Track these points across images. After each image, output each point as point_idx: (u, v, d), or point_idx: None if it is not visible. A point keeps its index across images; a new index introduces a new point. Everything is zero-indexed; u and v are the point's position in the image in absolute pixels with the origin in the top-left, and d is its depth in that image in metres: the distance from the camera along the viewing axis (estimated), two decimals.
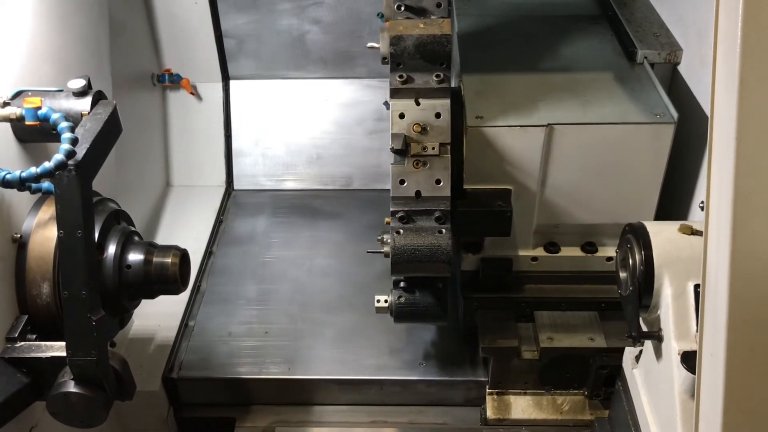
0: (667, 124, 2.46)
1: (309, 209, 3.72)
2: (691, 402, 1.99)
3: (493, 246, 2.68)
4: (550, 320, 2.73)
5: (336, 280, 3.29)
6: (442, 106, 2.36)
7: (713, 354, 1.34)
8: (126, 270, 2.18)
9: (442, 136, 2.36)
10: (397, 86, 2.35)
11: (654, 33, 2.82)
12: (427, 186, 2.34)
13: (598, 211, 2.62)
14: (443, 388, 2.86)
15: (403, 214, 2.33)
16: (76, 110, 2.04)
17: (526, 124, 2.46)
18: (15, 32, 2.17)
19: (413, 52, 2.31)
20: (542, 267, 2.73)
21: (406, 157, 2.35)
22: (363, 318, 3.06)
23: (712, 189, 1.37)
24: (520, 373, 2.76)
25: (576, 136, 2.48)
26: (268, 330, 3.05)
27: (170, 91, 3.75)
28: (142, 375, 2.78)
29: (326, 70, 3.79)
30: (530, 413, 2.79)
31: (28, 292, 2.07)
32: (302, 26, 3.67)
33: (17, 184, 1.87)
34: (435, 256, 2.29)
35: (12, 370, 1.99)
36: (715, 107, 1.34)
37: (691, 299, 2.06)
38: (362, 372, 2.87)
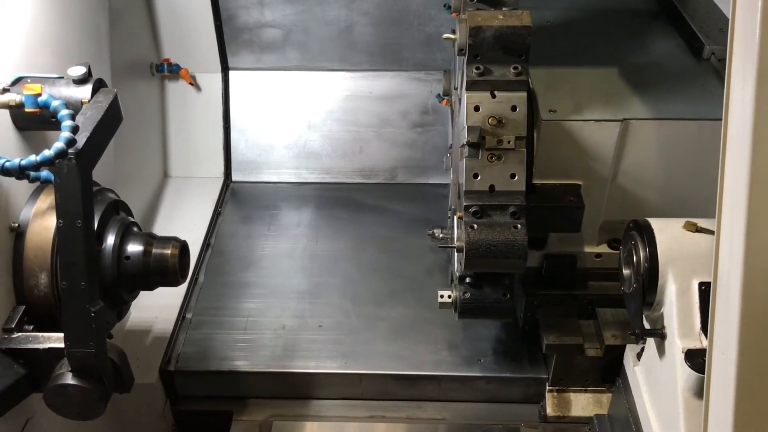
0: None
1: (352, 202, 3.69)
2: (694, 400, 1.98)
3: (558, 242, 2.67)
4: (613, 317, 2.71)
5: (385, 275, 3.27)
6: (518, 98, 2.31)
7: (724, 353, 1.33)
8: (125, 261, 2.15)
9: (518, 129, 2.30)
10: (473, 78, 2.30)
11: (720, 29, 2.80)
12: (502, 180, 2.30)
13: (666, 207, 2.59)
14: (502, 384, 2.84)
15: (477, 209, 2.29)
16: (76, 98, 2.01)
17: (601, 118, 2.45)
18: (15, 18, 2.13)
19: (492, 43, 2.25)
20: (606, 264, 2.71)
21: (481, 151, 2.30)
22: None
23: (726, 186, 1.35)
24: (582, 371, 2.74)
25: (651, 132, 2.47)
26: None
27: (169, 81, 3.72)
28: (139, 367, 2.76)
29: (372, 63, 3.75)
30: (591, 410, 2.76)
31: (25, 283, 2.04)
32: (350, 17, 3.62)
33: (16, 173, 1.84)
34: (511, 252, 2.26)
35: (9, 362, 1.96)
36: (729, 103, 1.32)
37: (695, 297, 2.05)
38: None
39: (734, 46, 1.30)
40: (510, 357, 2.86)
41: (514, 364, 2.83)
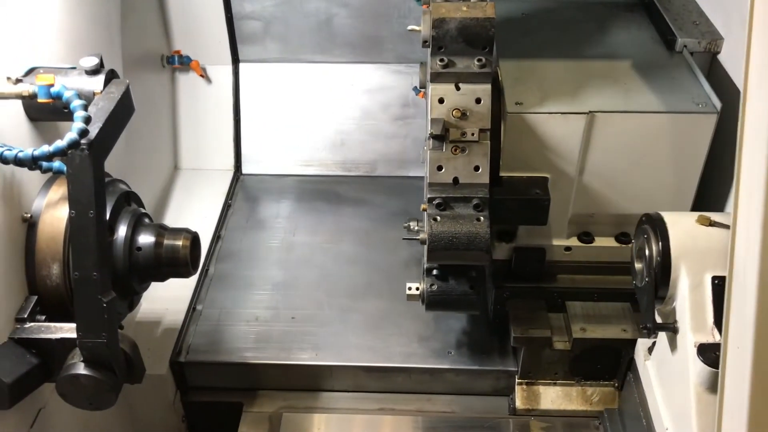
0: (709, 113, 2.43)
1: (333, 195, 3.69)
2: (706, 394, 1.97)
3: (527, 235, 2.66)
4: (582, 311, 2.72)
5: (363, 267, 3.27)
6: (483, 91, 2.32)
7: (740, 347, 1.32)
8: (136, 252, 2.15)
9: (482, 121, 2.31)
10: (437, 70, 2.30)
11: (693, 21, 2.79)
12: (466, 173, 2.31)
13: (634, 201, 2.59)
14: (472, 377, 2.84)
15: (440, 201, 2.30)
16: (88, 89, 2.00)
17: (567, 111, 2.44)
18: (28, 9, 2.13)
19: (456, 35, 2.26)
20: (575, 257, 2.71)
21: (445, 143, 2.30)
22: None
23: (742, 179, 1.34)
24: (551, 364, 2.74)
25: (618, 124, 2.45)
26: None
27: (179, 73, 3.71)
28: (150, 358, 2.76)
29: (353, 55, 3.73)
30: (559, 404, 2.77)
31: (37, 273, 2.05)
32: (330, 9, 3.61)
33: (29, 163, 1.84)
34: (473, 244, 2.26)
35: (21, 351, 1.97)
36: (747, 96, 1.31)
37: (708, 291, 2.04)
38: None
39: (752, 39, 1.29)
40: (480, 350, 2.87)
41: (484, 357, 2.84)
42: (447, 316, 2.97)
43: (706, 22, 2.79)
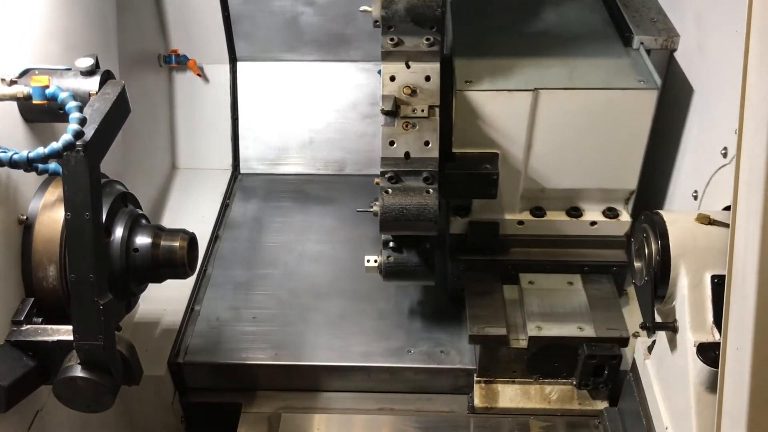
0: (650, 90, 2.51)
1: (301, 194, 3.69)
2: (706, 394, 1.96)
3: (481, 210, 2.76)
4: (539, 309, 2.73)
5: (327, 266, 3.27)
6: (432, 69, 2.43)
7: (739, 348, 1.31)
8: (133, 253, 2.15)
9: (431, 98, 2.42)
10: (388, 49, 2.42)
11: (651, 18, 2.80)
12: (416, 147, 2.40)
13: (582, 176, 2.69)
14: (431, 375, 2.84)
15: (392, 175, 2.39)
16: (84, 89, 2.00)
17: (512, 88, 2.52)
18: (23, 10, 2.12)
19: (404, 15, 2.38)
20: (528, 231, 2.81)
21: (396, 119, 2.41)
22: (354, 303, 3.07)
23: (741, 178, 1.33)
24: (509, 362, 2.75)
25: (561, 101, 2.53)
26: (256, 315, 3.03)
27: (177, 72, 3.70)
28: (148, 359, 2.74)
29: (320, 53, 3.72)
30: (518, 402, 2.77)
31: (34, 275, 2.04)
32: (295, 8, 3.59)
33: (24, 165, 1.83)
34: (422, 215, 2.35)
35: (18, 354, 1.97)
36: (746, 94, 1.30)
37: (707, 290, 2.03)
38: (350, 359, 2.86)
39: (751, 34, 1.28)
40: (440, 348, 2.87)
41: (443, 356, 2.85)
42: (408, 315, 3.00)
43: (664, 19, 2.79)
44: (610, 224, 2.78)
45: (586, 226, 2.78)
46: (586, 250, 2.82)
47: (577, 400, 2.76)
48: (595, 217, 2.77)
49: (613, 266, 2.84)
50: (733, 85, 2.25)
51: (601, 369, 2.63)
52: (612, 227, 2.79)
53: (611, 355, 2.59)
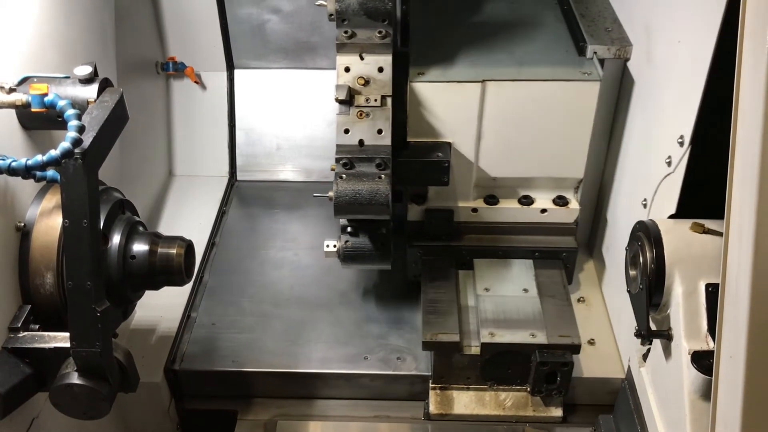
0: (593, 81, 2.63)
1: (266, 200, 3.71)
2: (701, 402, 1.97)
3: (437, 197, 2.89)
4: (493, 315, 2.75)
5: (289, 273, 3.29)
6: (384, 60, 2.55)
7: (733, 356, 1.32)
8: (130, 260, 2.15)
9: (384, 89, 2.55)
10: (342, 41, 2.54)
11: (606, 28, 2.84)
12: (370, 135, 2.53)
13: (531, 166, 2.82)
14: (387, 382, 2.85)
15: (346, 161, 2.50)
16: (82, 97, 2.01)
17: (461, 79, 2.64)
18: (21, 18, 2.13)
19: (357, 8, 2.51)
20: (482, 218, 2.95)
21: (351, 108, 2.54)
22: (312, 312, 3.09)
23: (735, 187, 1.34)
24: (463, 369, 2.76)
25: (508, 93, 2.66)
26: (215, 322, 3.04)
27: (174, 79, 3.71)
28: (144, 366, 2.74)
29: (286, 61, 3.74)
30: (473, 408, 2.78)
31: (31, 282, 2.04)
32: (261, 15, 3.61)
33: (23, 172, 1.84)
34: (374, 199, 2.47)
35: (15, 361, 1.96)
36: (739, 105, 1.31)
37: (702, 298, 2.05)
38: (307, 365, 2.87)
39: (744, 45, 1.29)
40: (396, 355, 2.89)
41: (400, 362, 2.87)
42: (365, 321, 3.03)
43: (619, 29, 2.83)
44: (560, 212, 2.90)
45: (537, 213, 2.92)
46: (537, 236, 2.96)
47: (532, 407, 2.78)
48: (545, 204, 2.90)
49: (562, 252, 2.96)
50: (676, 95, 2.29)
51: (554, 376, 2.65)
52: (562, 214, 2.91)
53: (562, 362, 2.61)
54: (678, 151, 2.22)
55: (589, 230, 3.29)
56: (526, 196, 2.91)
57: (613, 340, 2.92)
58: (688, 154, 2.17)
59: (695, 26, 2.13)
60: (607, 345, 2.90)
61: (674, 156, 2.26)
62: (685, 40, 2.22)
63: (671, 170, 2.29)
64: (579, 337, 2.65)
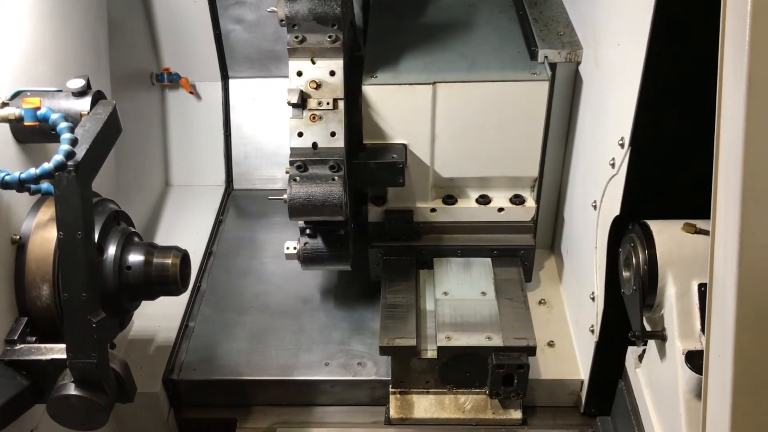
0: (541, 81, 2.67)
1: (235, 208, 3.74)
2: (696, 402, 1.98)
3: (396, 198, 2.92)
4: (451, 319, 2.76)
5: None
6: (335, 64, 2.59)
7: (721, 355, 1.33)
8: (126, 271, 2.17)
9: (336, 92, 2.58)
10: (294, 46, 2.57)
11: (558, 32, 2.86)
12: (323, 138, 2.57)
13: (486, 165, 2.86)
14: (348, 387, 2.87)
15: (300, 164, 2.54)
16: (75, 110, 2.02)
17: (412, 82, 2.67)
18: (12, 32, 2.15)
19: (306, 14, 2.54)
20: (440, 218, 2.97)
21: (304, 111, 2.57)
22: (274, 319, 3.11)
23: (719, 186, 1.35)
24: (421, 373, 2.77)
25: (459, 94, 2.68)
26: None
27: (169, 90, 3.73)
28: (143, 376, 2.76)
29: (252, 70, 3.77)
30: (433, 412, 2.78)
31: (27, 294, 2.06)
32: (225, 26, 3.64)
33: (16, 186, 1.85)
34: (327, 201, 2.49)
35: (12, 373, 1.97)
36: (722, 104, 1.33)
37: (695, 298, 2.05)
38: (269, 372, 2.88)
39: (725, 48, 1.31)
40: (356, 360, 2.91)
41: (359, 368, 2.88)
42: (328, 328, 3.05)
43: (571, 33, 2.84)
44: (517, 210, 2.93)
45: (495, 212, 2.94)
46: (496, 235, 2.99)
47: (491, 410, 2.78)
48: (502, 203, 2.94)
49: (520, 250, 3.00)
50: (617, 97, 2.31)
51: (511, 378, 2.65)
52: (519, 213, 2.94)
53: (518, 364, 2.61)
54: (620, 152, 2.26)
55: (552, 230, 3.30)
56: (484, 196, 2.94)
57: (573, 342, 2.94)
58: (628, 156, 2.20)
59: (630, 29, 2.15)
60: (566, 347, 2.92)
61: (617, 158, 2.29)
62: (623, 43, 2.25)
63: (615, 172, 2.32)
64: (534, 339, 2.65)
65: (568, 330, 2.99)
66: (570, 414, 2.85)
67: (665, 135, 2.18)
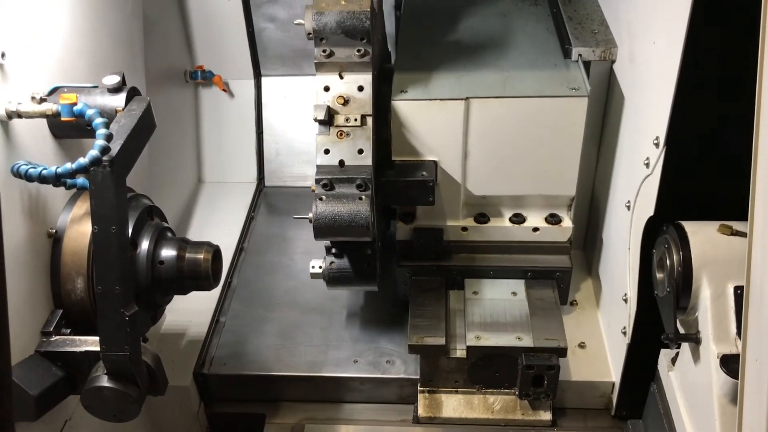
0: (580, 97, 2.55)
1: (266, 205, 3.75)
2: (730, 406, 1.95)
3: (426, 216, 2.81)
4: (480, 318, 2.74)
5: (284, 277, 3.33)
6: (364, 79, 2.50)
7: (758, 359, 1.30)
8: (159, 266, 2.19)
9: (364, 108, 2.49)
10: (321, 60, 2.49)
11: (593, 30, 2.80)
12: (350, 155, 2.47)
13: (521, 184, 2.74)
14: (376, 385, 2.86)
15: (326, 182, 2.45)
16: (110, 106, 2.05)
17: (444, 97, 2.57)
18: (51, 29, 2.19)
19: (335, 27, 2.45)
20: (472, 237, 2.86)
21: (331, 128, 2.49)
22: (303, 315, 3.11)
23: (757, 187, 1.33)
24: (450, 372, 2.76)
25: (493, 110, 2.58)
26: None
27: (202, 87, 3.77)
28: (174, 370, 2.80)
29: (284, 68, 3.78)
30: (461, 412, 2.77)
31: (62, 287, 2.09)
32: (258, 24, 3.65)
33: (53, 180, 1.88)
34: (354, 221, 2.40)
35: (47, 364, 2.01)
36: (761, 104, 1.30)
37: (730, 301, 2.02)
38: (298, 368, 2.88)
39: (765, 47, 1.28)
40: (385, 358, 2.89)
41: (388, 365, 2.85)
42: (355, 325, 3.03)
43: (605, 30, 2.79)
44: (553, 230, 2.81)
45: (529, 232, 2.82)
46: (530, 255, 2.87)
47: (521, 411, 2.76)
48: (537, 223, 2.81)
49: (556, 272, 2.87)
50: (653, 96, 2.27)
51: (540, 379, 2.62)
52: (554, 233, 2.82)
53: (548, 365, 2.59)
54: (654, 152, 2.22)
55: (585, 230, 3.25)
56: (518, 215, 2.82)
57: (604, 343, 2.90)
58: (663, 155, 2.16)
59: (667, 27, 2.12)
60: (598, 348, 2.88)
61: (652, 157, 2.25)
62: (659, 41, 2.21)
63: (649, 172, 2.28)
64: (565, 340, 2.63)
65: (600, 331, 2.96)
66: (601, 416, 2.82)
67: (701, 134, 2.14)
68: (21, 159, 1.94)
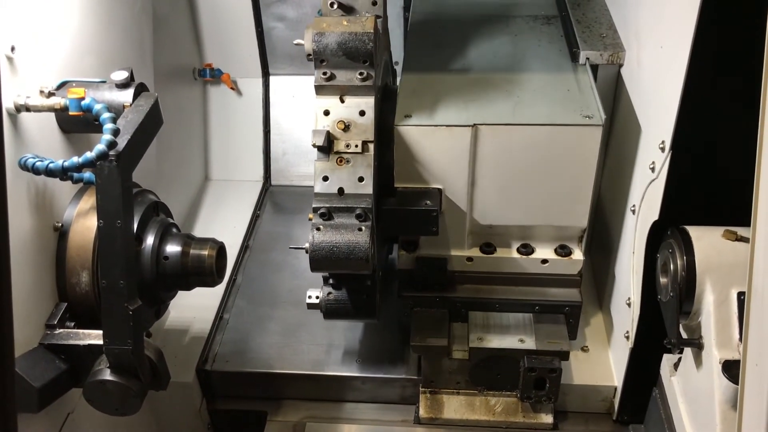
0: (594, 126, 2.39)
1: (273, 205, 3.76)
2: (731, 412, 1.94)
3: (428, 245, 2.65)
4: (483, 320, 2.73)
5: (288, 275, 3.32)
6: (366, 103, 2.36)
7: (758, 364, 1.30)
8: (163, 261, 2.20)
9: (365, 134, 2.36)
10: (321, 83, 2.36)
11: (601, 34, 2.79)
12: (350, 183, 2.34)
13: (530, 213, 2.58)
14: (378, 385, 2.86)
15: (324, 211, 2.33)
16: (118, 102, 2.06)
17: (451, 123, 2.42)
18: (61, 24, 2.20)
19: (336, 49, 2.31)
20: (477, 267, 2.69)
21: (330, 154, 2.36)
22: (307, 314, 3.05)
23: (761, 192, 1.32)
24: (452, 373, 2.75)
25: (502, 137, 2.42)
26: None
27: (211, 85, 3.79)
28: (177, 366, 2.80)
29: (293, 67, 3.79)
30: (463, 413, 2.77)
31: (67, 281, 2.11)
32: (267, 23, 3.67)
33: (60, 174, 1.90)
34: (353, 253, 2.28)
35: (51, 357, 2.03)
36: (765, 110, 1.30)
37: (734, 307, 2.01)
38: (301, 367, 2.88)
39: None
40: (387, 358, 2.88)
41: (390, 366, 2.85)
42: (358, 325, 3.02)
43: (614, 35, 2.78)
44: (563, 262, 2.64)
45: (537, 263, 2.65)
46: (538, 288, 2.70)
47: (522, 413, 2.76)
48: (546, 254, 2.64)
49: (565, 306, 2.70)
50: (659, 100, 2.26)
51: (542, 382, 2.62)
52: (564, 265, 2.65)
53: (550, 368, 2.58)
54: (660, 156, 2.21)
55: (590, 234, 3.16)
56: (526, 245, 2.65)
57: (606, 347, 2.90)
58: (669, 160, 2.15)
59: (674, 32, 2.11)
60: (601, 352, 2.88)
61: (657, 161, 2.24)
62: (666, 46, 2.20)
63: (655, 176, 2.27)
64: (568, 343, 2.61)
65: (603, 335, 2.95)
66: (602, 420, 2.82)
67: (707, 139, 2.14)
68: (29, 152, 1.95)
